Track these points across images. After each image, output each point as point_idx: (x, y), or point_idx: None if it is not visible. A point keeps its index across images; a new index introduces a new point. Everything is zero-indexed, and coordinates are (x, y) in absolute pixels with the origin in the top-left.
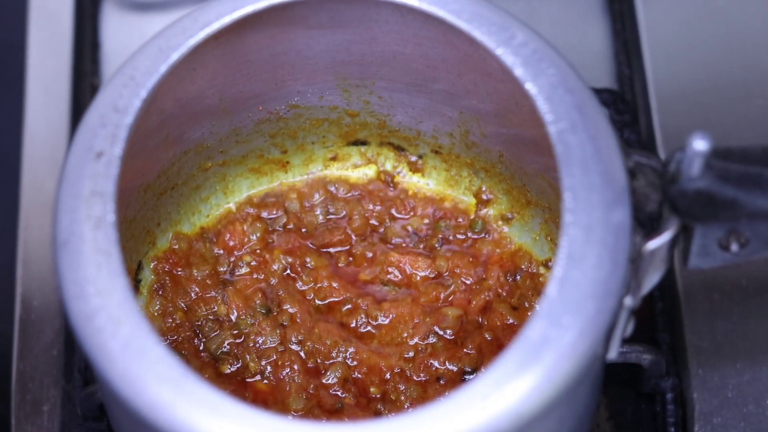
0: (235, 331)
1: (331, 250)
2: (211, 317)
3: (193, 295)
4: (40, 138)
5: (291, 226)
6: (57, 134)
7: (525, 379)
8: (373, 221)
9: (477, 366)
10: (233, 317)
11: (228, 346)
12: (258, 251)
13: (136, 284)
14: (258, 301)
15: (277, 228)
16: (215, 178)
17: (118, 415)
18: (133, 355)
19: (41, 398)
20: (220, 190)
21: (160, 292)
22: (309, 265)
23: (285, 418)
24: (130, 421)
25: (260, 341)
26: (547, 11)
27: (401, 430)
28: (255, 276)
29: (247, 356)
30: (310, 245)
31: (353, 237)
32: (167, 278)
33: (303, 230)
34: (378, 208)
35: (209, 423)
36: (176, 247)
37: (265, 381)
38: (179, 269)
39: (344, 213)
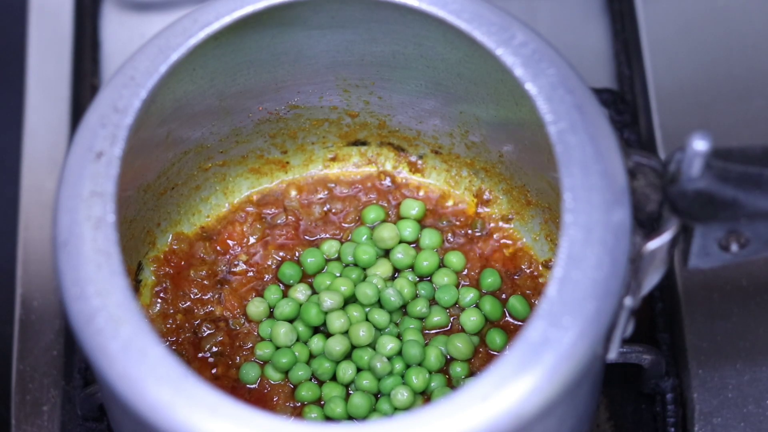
0: (229, 331)
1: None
2: (209, 317)
3: (192, 296)
4: (40, 138)
5: (284, 220)
6: (57, 134)
7: (525, 379)
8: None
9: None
10: (227, 317)
11: (220, 346)
12: (254, 249)
13: (136, 285)
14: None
15: (278, 221)
16: (215, 178)
17: (118, 415)
18: (133, 355)
19: (41, 398)
20: (220, 191)
21: (162, 295)
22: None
23: (284, 419)
24: (130, 422)
25: (249, 343)
26: (547, 11)
27: (402, 430)
28: (250, 274)
29: (237, 358)
30: (305, 239)
31: (347, 229)
32: (167, 280)
33: (300, 226)
34: (377, 200)
35: (209, 423)
36: (176, 247)
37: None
38: (179, 270)
39: (343, 210)
